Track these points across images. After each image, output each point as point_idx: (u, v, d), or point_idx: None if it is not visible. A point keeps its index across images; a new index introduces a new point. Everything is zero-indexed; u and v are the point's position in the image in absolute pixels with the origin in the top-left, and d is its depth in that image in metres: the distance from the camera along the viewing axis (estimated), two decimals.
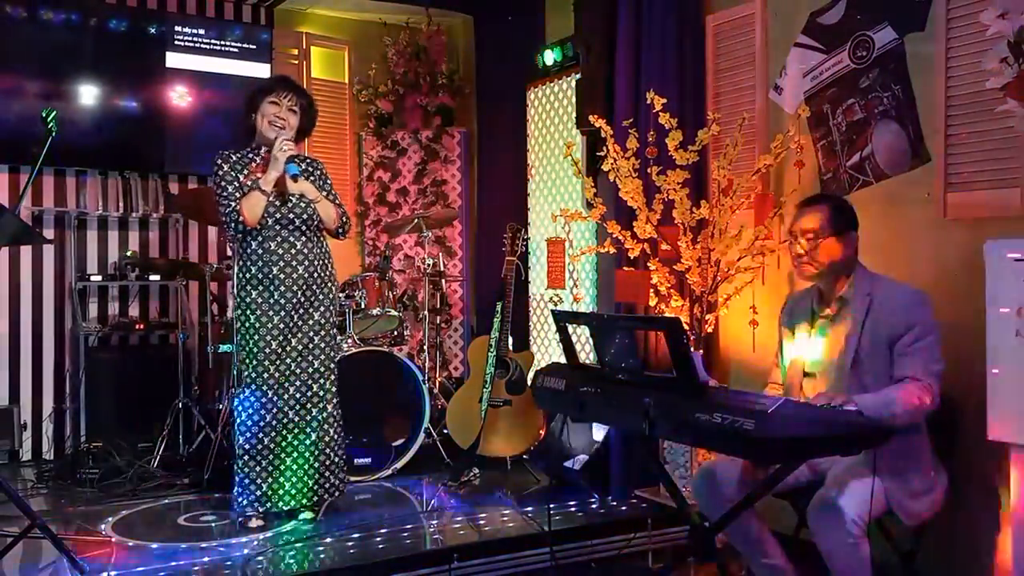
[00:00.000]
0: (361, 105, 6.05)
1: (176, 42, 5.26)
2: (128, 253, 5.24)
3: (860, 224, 2.82)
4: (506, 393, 4.54)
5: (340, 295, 4.50)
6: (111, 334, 5.11)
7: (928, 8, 3.16)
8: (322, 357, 3.59)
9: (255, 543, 3.37)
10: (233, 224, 3.46)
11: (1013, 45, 2.85)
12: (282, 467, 3.52)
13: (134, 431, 4.74)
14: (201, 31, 5.35)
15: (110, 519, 3.71)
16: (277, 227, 3.49)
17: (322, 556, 3.25)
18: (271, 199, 3.46)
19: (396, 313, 4.78)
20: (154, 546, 3.38)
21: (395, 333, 4.92)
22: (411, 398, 4.49)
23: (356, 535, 3.46)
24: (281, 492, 3.53)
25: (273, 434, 3.49)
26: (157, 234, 5.42)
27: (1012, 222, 2.89)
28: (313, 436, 3.57)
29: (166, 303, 5.39)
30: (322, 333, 3.59)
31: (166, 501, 4.02)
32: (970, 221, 3.04)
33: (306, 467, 3.57)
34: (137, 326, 5.07)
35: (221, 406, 4.46)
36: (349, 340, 4.47)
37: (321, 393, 3.59)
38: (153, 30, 5.23)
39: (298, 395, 3.52)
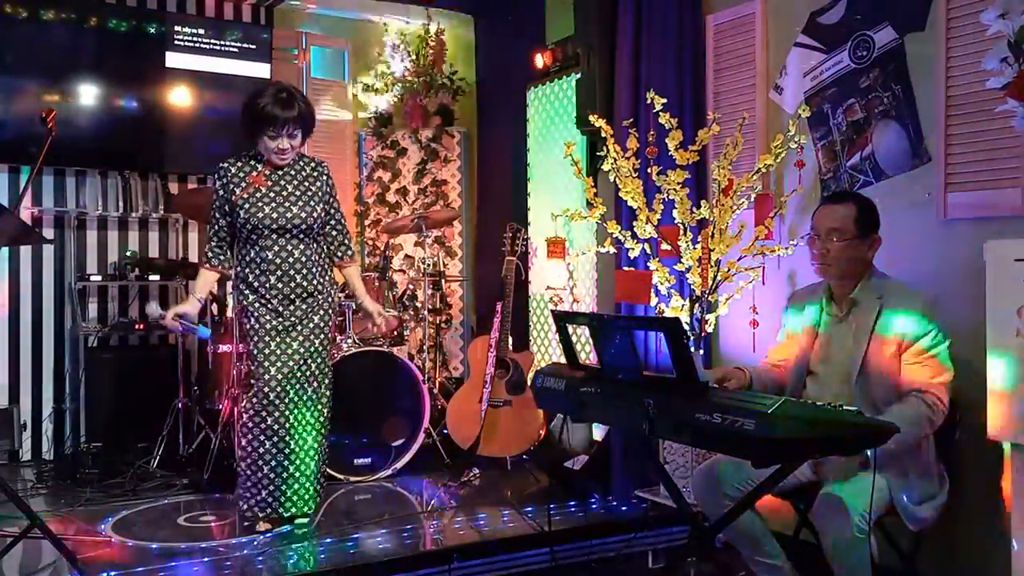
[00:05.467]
0: (361, 105, 6.05)
1: (176, 42, 5.26)
2: (128, 253, 5.24)
3: None
4: (506, 393, 4.54)
5: (340, 295, 4.50)
6: (111, 334, 5.10)
7: (928, 8, 3.16)
8: (319, 360, 3.56)
9: (255, 543, 3.37)
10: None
11: (1013, 45, 2.85)
12: (284, 474, 3.47)
13: (134, 431, 4.74)
14: (201, 31, 5.34)
15: (110, 519, 3.71)
16: (275, 236, 3.45)
17: (322, 556, 3.25)
18: (268, 207, 3.44)
19: (396, 313, 4.78)
20: (154, 546, 3.38)
21: (395, 333, 4.92)
22: (411, 398, 4.49)
23: (356, 535, 3.46)
24: (283, 499, 3.48)
25: (276, 439, 3.45)
26: (157, 234, 5.42)
27: (1012, 222, 2.89)
28: (312, 440, 3.56)
29: (166, 303, 5.38)
30: (322, 337, 3.57)
31: (166, 501, 4.02)
32: (970, 221, 3.04)
33: (307, 472, 3.54)
34: (137, 326, 5.06)
35: (221, 406, 4.45)
36: (349, 340, 4.46)
37: (317, 397, 3.55)
38: (153, 30, 5.22)
39: (300, 398, 3.49)
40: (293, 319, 3.49)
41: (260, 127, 3.40)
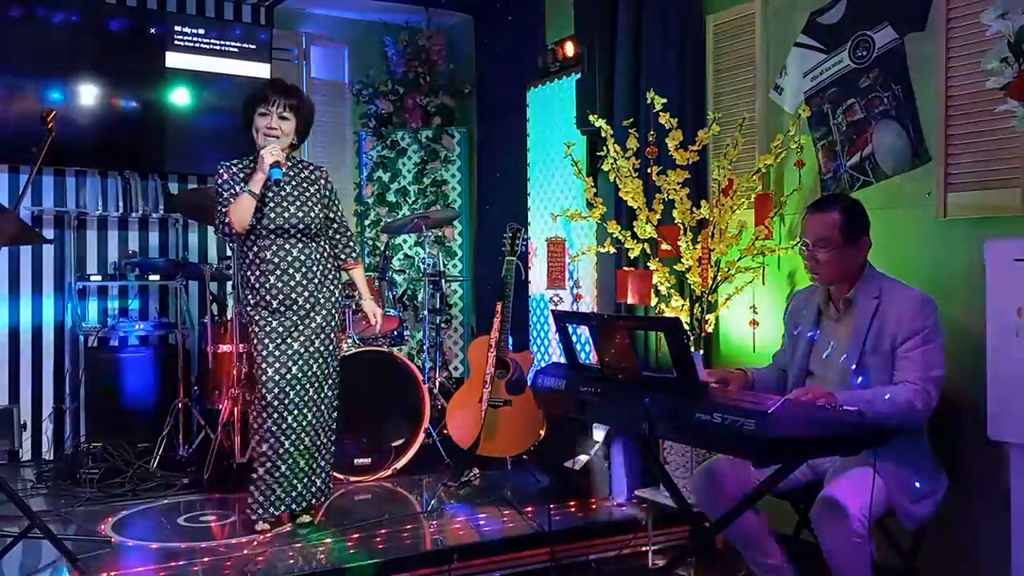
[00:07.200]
0: (361, 105, 6.05)
1: (176, 42, 5.26)
2: (128, 253, 5.24)
3: None
4: (506, 393, 4.53)
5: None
6: (111, 334, 5.10)
7: (928, 8, 3.16)
8: (320, 361, 3.55)
9: (255, 543, 3.37)
10: (223, 227, 3.43)
11: (1013, 45, 2.85)
12: (296, 469, 3.49)
13: (134, 431, 4.74)
14: (201, 31, 5.34)
15: (110, 519, 3.71)
16: (272, 236, 3.47)
17: (322, 556, 3.25)
18: (266, 208, 3.44)
19: (396, 313, 4.78)
20: (154, 546, 3.39)
21: (395, 333, 4.92)
22: (411, 398, 4.49)
23: (356, 535, 3.47)
24: (294, 494, 3.50)
25: (294, 437, 3.47)
26: (157, 234, 5.42)
27: (1012, 222, 2.89)
28: (322, 438, 3.57)
29: (166, 303, 5.39)
30: (323, 336, 3.55)
31: (166, 501, 4.02)
32: (970, 221, 3.04)
33: (316, 468, 3.57)
34: (137, 326, 5.07)
35: (221, 406, 4.45)
36: (349, 340, 4.46)
37: (320, 398, 3.55)
38: (153, 30, 5.22)
39: (302, 399, 3.48)
40: (295, 319, 3.49)
41: (253, 107, 3.51)
